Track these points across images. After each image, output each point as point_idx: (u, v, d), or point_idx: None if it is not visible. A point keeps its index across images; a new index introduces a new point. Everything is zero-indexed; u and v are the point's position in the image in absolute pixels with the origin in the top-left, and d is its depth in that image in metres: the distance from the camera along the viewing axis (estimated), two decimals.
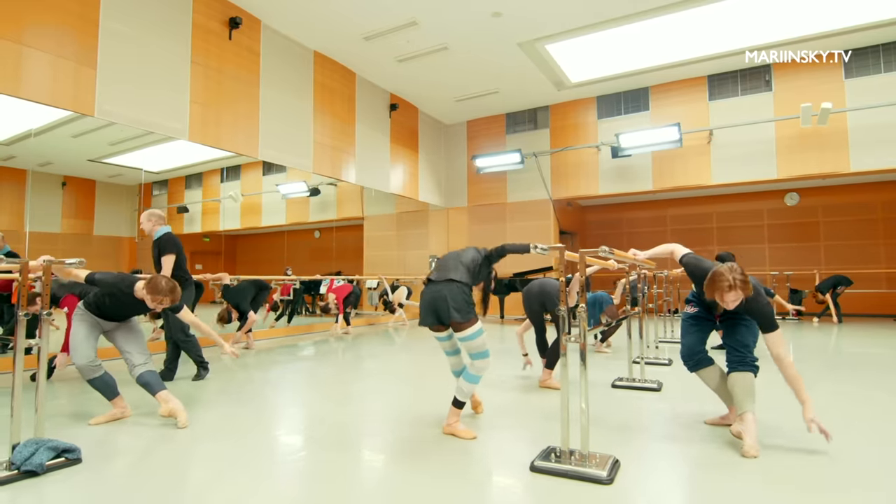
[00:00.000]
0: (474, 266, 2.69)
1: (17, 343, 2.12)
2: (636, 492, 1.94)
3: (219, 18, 6.20)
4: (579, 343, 2.19)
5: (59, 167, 7.66)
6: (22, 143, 6.32)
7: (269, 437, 2.67)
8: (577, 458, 2.13)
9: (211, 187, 9.98)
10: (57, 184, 7.73)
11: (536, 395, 3.53)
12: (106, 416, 2.83)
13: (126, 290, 2.78)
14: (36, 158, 6.85)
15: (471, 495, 1.93)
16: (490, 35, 7.25)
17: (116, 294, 2.81)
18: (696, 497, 1.93)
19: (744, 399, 2.46)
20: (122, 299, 2.82)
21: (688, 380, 4.02)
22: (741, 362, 2.59)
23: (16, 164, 6.65)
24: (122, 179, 8.26)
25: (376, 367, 4.82)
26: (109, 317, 2.89)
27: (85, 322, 2.84)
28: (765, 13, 6.72)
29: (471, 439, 2.53)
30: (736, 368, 2.59)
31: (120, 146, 7.36)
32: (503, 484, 2.03)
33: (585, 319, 2.19)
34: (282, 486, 2.02)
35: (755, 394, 2.49)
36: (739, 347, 2.61)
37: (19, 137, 6.22)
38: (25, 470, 2.05)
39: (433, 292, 2.59)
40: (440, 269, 2.68)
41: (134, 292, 2.77)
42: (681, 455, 2.34)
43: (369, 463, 2.31)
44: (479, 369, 2.60)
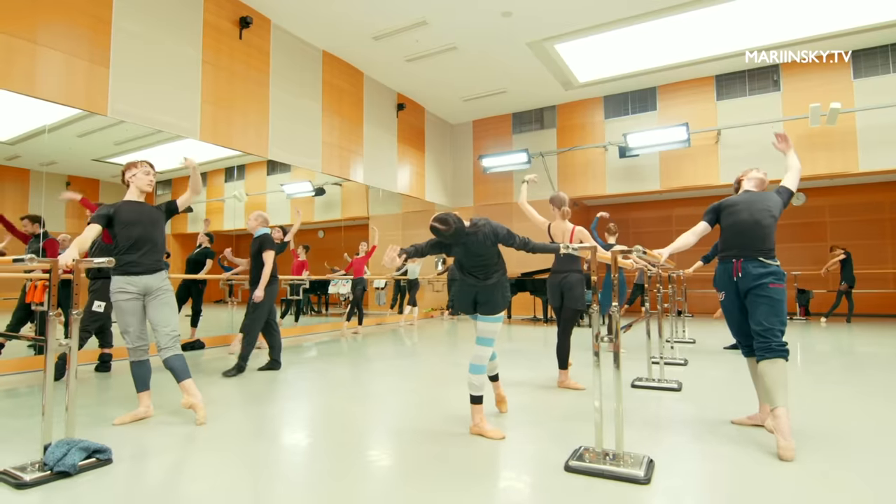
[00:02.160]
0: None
1: (49, 343, 2.10)
2: (675, 492, 1.93)
3: (229, 18, 6.19)
4: (613, 343, 2.18)
5: (62, 167, 7.64)
6: (26, 142, 6.31)
7: (295, 439, 2.65)
8: (611, 458, 2.12)
9: (215, 187, 9.95)
10: (61, 183, 7.71)
11: (555, 396, 3.52)
12: (130, 416, 2.82)
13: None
14: (40, 158, 6.82)
15: (508, 495, 1.92)
16: (499, 34, 7.24)
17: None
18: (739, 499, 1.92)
19: (775, 392, 2.33)
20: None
21: (707, 380, 4.02)
22: (767, 349, 2.44)
23: (20, 164, 6.63)
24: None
25: (393, 366, 4.80)
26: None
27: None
28: (772, 14, 6.72)
29: (499, 439, 2.52)
30: (763, 356, 2.45)
31: (125, 146, 7.34)
32: (539, 484, 2.02)
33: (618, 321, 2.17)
34: (311, 489, 2.01)
35: (787, 385, 2.37)
36: (763, 332, 2.47)
37: (23, 137, 6.21)
38: (58, 471, 2.04)
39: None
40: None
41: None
42: (713, 455, 2.33)
43: (399, 464, 2.29)
44: (479, 358, 2.59)
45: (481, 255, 2.59)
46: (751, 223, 2.61)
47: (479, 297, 2.61)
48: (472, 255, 2.59)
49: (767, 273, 2.51)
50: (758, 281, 2.51)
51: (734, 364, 4.71)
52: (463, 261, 2.65)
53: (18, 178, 6.53)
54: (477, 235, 2.54)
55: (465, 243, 2.57)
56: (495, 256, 2.65)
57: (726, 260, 2.67)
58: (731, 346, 5.54)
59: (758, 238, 2.57)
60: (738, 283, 2.60)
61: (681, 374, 4.11)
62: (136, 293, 2.81)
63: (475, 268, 2.62)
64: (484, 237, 2.55)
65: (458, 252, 2.62)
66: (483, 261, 2.60)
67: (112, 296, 2.79)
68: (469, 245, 2.56)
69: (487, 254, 2.60)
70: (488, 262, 2.62)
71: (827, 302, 8.75)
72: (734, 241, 2.64)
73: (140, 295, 2.83)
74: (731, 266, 2.62)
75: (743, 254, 2.59)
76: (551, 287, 3.81)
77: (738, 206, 2.69)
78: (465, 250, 2.59)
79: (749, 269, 2.54)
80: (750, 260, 2.56)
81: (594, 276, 2.27)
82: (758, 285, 2.51)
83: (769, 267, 2.53)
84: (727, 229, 2.71)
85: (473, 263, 2.62)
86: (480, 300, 2.61)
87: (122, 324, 2.80)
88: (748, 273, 2.54)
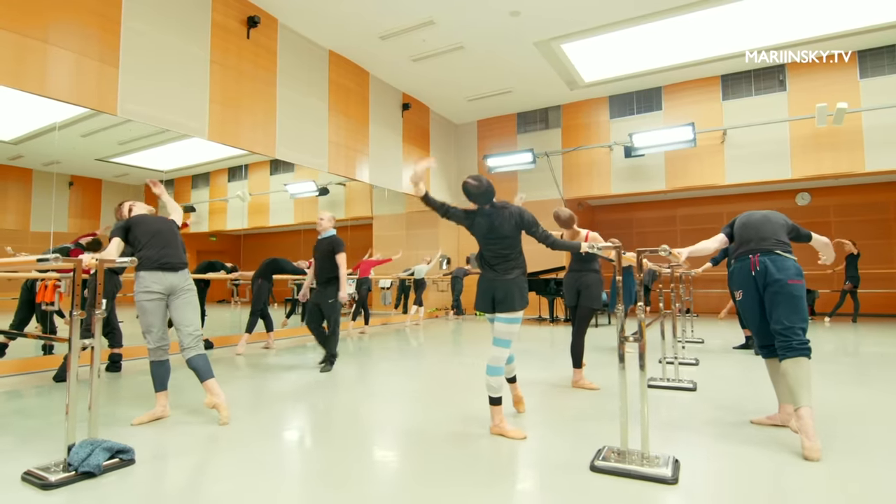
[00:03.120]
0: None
1: (73, 343, 2.09)
2: (703, 492, 1.93)
3: (237, 17, 6.18)
4: (639, 343, 2.17)
5: (65, 167, 7.63)
6: (29, 142, 6.30)
7: (313, 439, 2.65)
8: (637, 458, 2.11)
9: (218, 187, 9.93)
10: (64, 183, 7.70)
11: (570, 396, 3.51)
12: (148, 416, 2.81)
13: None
14: (43, 158, 6.81)
15: (538, 494, 1.92)
16: (507, 34, 7.24)
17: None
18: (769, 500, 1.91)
19: (798, 392, 2.28)
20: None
21: (721, 379, 4.02)
22: (789, 347, 2.39)
23: (23, 164, 6.61)
24: (128, 179, 8.23)
25: (402, 367, 4.79)
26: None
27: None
28: (777, 14, 6.73)
29: (521, 439, 2.52)
30: (785, 355, 2.40)
31: (129, 146, 7.34)
32: (567, 483, 2.01)
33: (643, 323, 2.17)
34: (335, 490, 2.00)
35: (811, 384, 2.33)
36: (784, 331, 2.42)
37: (27, 137, 6.20)
38: (83, 471, 2.03)
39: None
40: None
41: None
42: (737, 455, 2.32)
43: (423, 465, 2.28)
44: (496, 359, 2.57)
45: (503, 238, 2.58)
46: (762, 219, 2.63)
47: (497, 294, 2.58)
48: (494, 237, 2.59)
49: (786, 268, 2.47)
50: (776, 276, 2.46)
51: (745, 364, 4.71)
52: (484, 243, 2.65)
53: (21, 178, 6.52)
54: (503, 211, 2.58)
55: (491, 216, 2.59)
56: (517, 246, 2.63)
57: (742, 257, 2.64)
58: (741, 346, 5.54)
59: (771, 231, 2.57)
60: (756, 277, 2.54)
61: (694, 374, 4.11)
62: (161, 293, 2.81)
63: (495, 257, 2.61)
64: (510, 215, 2.58)
65: (481, 226, 2.62)
66: (504, 247, 2.59)
67: (136, 295, 2.78)
68: (493, 220, 2.58)
69: (509, 237, 2.59)
70: (509, 250, 2.60)
71: (831, 302, 8.75)
72: (749, 234, 2.64)
73: (164, 295, 2.82)
74: (748, 262, 2.58)
75: (760, 247, 2.55)
76: (567, 286, 3.80)
77: (754, 214, 2.70)
78: (489, 226, 2.59)
79: (767, 264, 2.50)
80: (767, 254, 2.52)
81: (617, 276, 2.26)
82: (776, 281, 2.46)
83: (787, 261, 2.49)
84: (741, 227, 2.71)
85: (494, 250, 2.61)
86: (498, 297, 2.58)
87: (146, 324, 2.80)
88: (766, 267, 2.50)
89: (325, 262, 4.56)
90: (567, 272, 3.88)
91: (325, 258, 4.56)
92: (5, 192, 6.55)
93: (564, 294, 3.89)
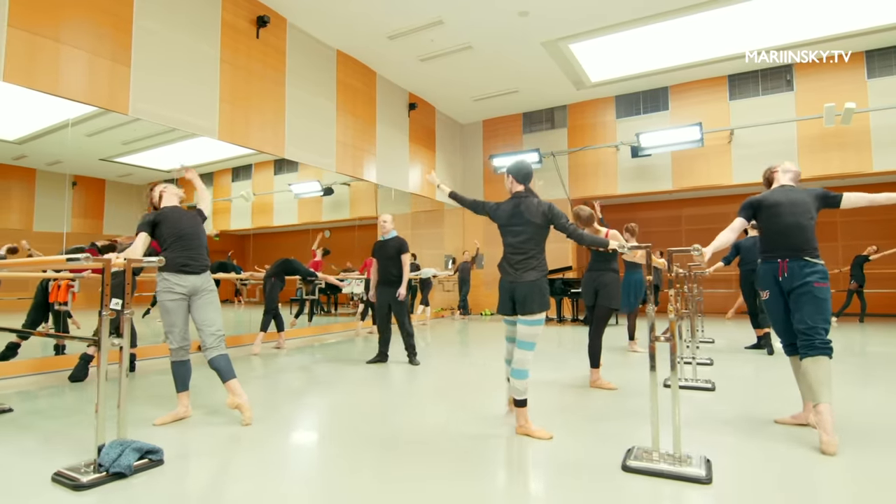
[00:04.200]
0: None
1: (102, 343, 2.08)
2: (737, 491, 1.92)
3: (247, 17, 6.17)
4: (670, 343, 2.17)
5: (68, 166, 7.61)
6: (33, 142, 6.29)
7: (338, 440, 2.63)
8: (669, 459, 2.11)
9: (222, 186, 9.91)
10: (67, 183, 7.68)
11: (589, 396, 3.50)
12: (171, 416, 2.80)
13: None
14: (46, 157, 6.80)
15: (573, 494, 1.91)
16: (515, 34, 7.23)
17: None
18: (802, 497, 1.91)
19: (818, 389, 2.37)
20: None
21: (737, 379, 4.02)
22: (811, 346, 2.47)
23: (27, 164, 6.60)
24: (132, 179, 8.21)
25: (417, 367, 4.78)
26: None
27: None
28: (784, 14, 6.73)
29: (547, 439, 2.51)
30: (807, 354, 2.47)
31: (133, 145, 7.32)
32: (601, 483, 2.00)
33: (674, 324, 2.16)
34: (360, 491, 1.99)
35: (831, 382, 2.39)
36: (806, 331, 2.48)
37: (30, 137, 6.19)
38: (114, 472, 2.02)
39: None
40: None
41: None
42: (766, 454, 2.31)
43: (451, 465, 2.27)
44: (521, 362, 2.57)
45: (526, 225, 2.57)
46: (794, 226, 2.63)
47: (516, 296, 2.55)
48: (517, 223, 2.59)
49: (813, 272, 2.53)
50: (803, 279, 2.53)
51: (759, 363, 4.71)
52: (505, 231, 2.65)
53: (25, 177, 6.51)
54: (532, 199, 2.61)
55: (518, 201, 2.60)
56: (540, 242, 2.62)
57: (771, 260, 2.67)
58: (753, 346, 5.53)
59: (802, 239, 2.60)
60: (783, 282, 2.62)
61: (710, 374, 4.10)
62: (184, 294, 2.80)
63: (515, 254, 2.59)
64: (539, 204, 2.60)
65: (506, 211, 2.63)
66: (524, 240, 2.58)
67: (159, 295, 2.78)
68: (520, 206, 2.59)
69: (534, 230, 2.58)
70: (530, 244, 2.58)
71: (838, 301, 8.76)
72: (779, 242, 2.66)
73: (187, 295, 2.82)
74: (776, 266, 2.63)
75: (789, 254, 2.61)
76: (585, 285, 3.80)
77: (781, 209, 2.67)
78: (513, 210, 2.60)
79: (794, 269, 2.57)
80: (795, 260, 2.58)
81: (648, 276, 2.25)
82: (802, 283, 2.53)
83: (815, 266, 2.56)
84: (770, 231, 2.71)
85: (515, 244, 2.60)
86: (518, 299, 2.55)
87: (168, 324, 2.79)
88: (793, 272, 2.56)
89: (391, 262, 4.79)
90: (586, 271, 3.88)
91: (392, 259, 4.79)
92: (9, 192, 6.54)
93: (582, 294, 3.88)
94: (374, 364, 4.81)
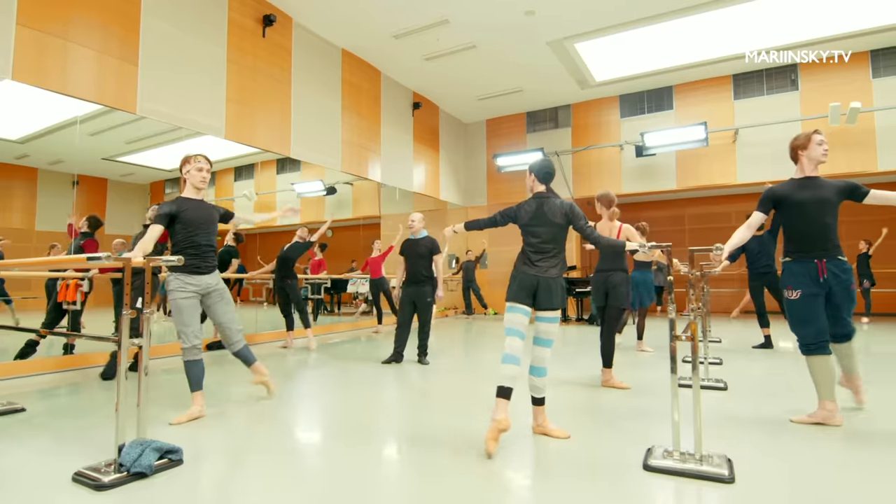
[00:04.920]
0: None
1: (122, 342, 2.07)
2: (761, 490, 1.91)
3: (253, 16, 6.16)
4: (692, 343, 2.16)
5: (70, 166, 7.60)
6: (35, 141, 6.27)
7: (357, 438, 2.62)
8: (691, 458, 2.10)
9: (224, 186, 9.88)
10: (68, 182, 7.67)
11: (603, 395, 3.50)
12: (186, 416, 2.79)
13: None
14: (48, 157, 6.78)
15: (598, 493, 1.90)
16: (520, 33, 7.22)
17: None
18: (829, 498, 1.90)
19: (853, 364, 2.84)
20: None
21: (749, 378, 4.01)
22: (847, 336, 2.79)
23: (29, 163, 6.59)
24: (134, 178, 8.20)
25: (426, 366, 4.77)
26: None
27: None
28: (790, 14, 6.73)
29: (565, 438, 2.51)
30: (843, 341, 2.81)
31: (135, 145, 7.30)
32: (624, 482, 2.00)
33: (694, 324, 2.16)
34: (386, 488, 1.99)
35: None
36: (844, 325, 2.74)
37: (33, 136, 6.18)
38: (135, 472, 2.01)
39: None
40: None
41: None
42: (783, 452, 2.31)
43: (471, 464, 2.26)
44: (539, 360, 2.57)
45: (549, 226, 2.57)
46: (824, 228, 2.66)
47: (539, 291, 2.54)
48: (539, 223, 2.58)
49: (848, 272, 2.68)
50: (843, 280, 2.66)
51: (768, 363, 4.71)
52: (526, 231, 2.64)
53: (27, 177, 6.50)
54: (554, 199, 2.61)
55: (541, 202, 2.61)
56: (561, 242, 2.61)
57: (805, 260, 2.67)
58: (760, 346, 5.54)
59: (831, 239, 2.66)
60: (823, 284, 2.68)
61: (721, 373, 4.10)
62: (196, 292, 2.81)
63: (536, 253, 2.58)
64: (561, 204, 2.59)
65: (528, 211, 2.62)
66: (546, 240, 2.57)
67: (172, 294, 2.77)
68: (543, 206, 2.59)
69: (555, 230, 2.58)
70: (552, 244, 2.58)
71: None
72: (811, 242, 2.69)
73: (198, 293, 2.82)
74: (814, 267, 2.65)
75: (824, 255, 2.67)
76: (596, 285, 3.79)
77: (806, 208, 2.67)
78: (536, 210, 2.60)
79: (832, 269, 2.66)
80: (831, 260, 2.66)
81: (669, 276, 2.25)
82: (842, 283, 2.66)
83: (847, 265, 2.68)
84: (797, 231, 2.71)
85: (536, 244, 2.58)
86: (541, 295, 2.53)
87: (182, 322, 2.78)
88: (833, 273, 2.66)
89: (422, 261, 4.75)
90: (596, 272, 3.87)
91: (425, 258, 4.76)
92: (11, 192, 6.53)
93: (593, 294, 3.87)
94: (388, 364, 4.79)
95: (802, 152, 2.79)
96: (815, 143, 2.75)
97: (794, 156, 2.84)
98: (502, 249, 10.71)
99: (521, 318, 2.59)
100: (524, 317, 2.60)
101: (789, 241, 2.79)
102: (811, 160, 2.76)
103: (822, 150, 2.75)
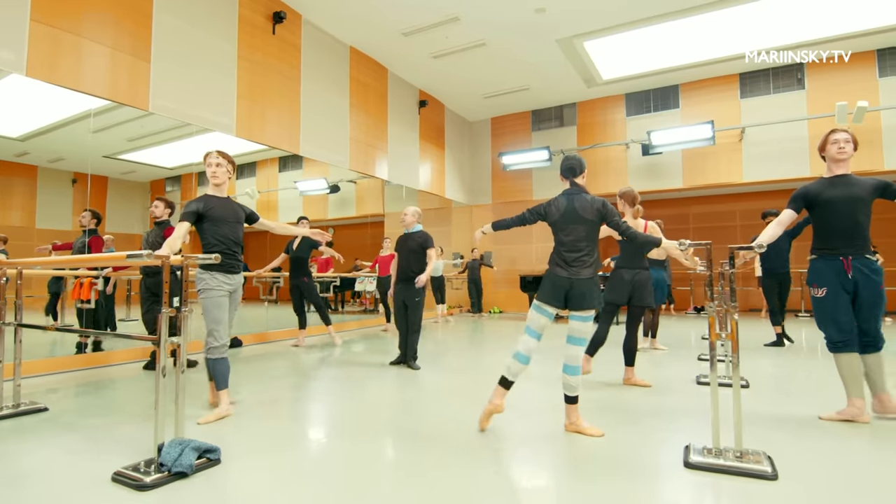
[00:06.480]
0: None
1: (162, 341, 2.06)
2: (805, 486, 1.92)
3: (263, 13, 6.12)
4: (731, 341, 2.17)
5: (70, 163, 7.53)
6: (35, 139, 6.22)
7: (389, 436, 2.62)
8: (732, 455, 2.11)
9: None
10: (68, 180, 7.61)
11: (625, 393, 3.51)
12: (214, 415, 2.78)
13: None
14: (49, 155, 6.72)
15: (644, 491, 1.90)
16: (530, 31, 7.21)
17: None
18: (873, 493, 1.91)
19: (880, 380, 2.69)
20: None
21: (769, 376, 4.03)
22: (875, 346, 2.72)
23: (29, 161, 6.53)
24: (134, 176, 8.14)
25: (443, 364, 4.76)
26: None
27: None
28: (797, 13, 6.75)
29: (599, 436, 2.51)
30: (869, 352, 2.73)
31: (138, 142, 7.25)
32: (668, 480, 2.00)
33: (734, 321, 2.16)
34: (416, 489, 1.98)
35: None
36: (870, 330, 2.70)
37: (32, 134, 6.12)
38: (175, 471, 2.00)
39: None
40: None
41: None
42: (823, 450, 2.32)
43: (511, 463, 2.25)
44: (572, 358, 2.57)
45: (582, 223, 2.55)
46: (855, 225, 2.66)
47: (573, 293, 2.53)
48: (571, 220, 2.56)
49: (877, 272, 2.67)
50: (873, 280, 2.65)
51: (784, 360, 4.73)
52: (558, 228, 2.61)
53: (27, 174, 6.44)
54: (584, 196, 2.59)
55: (571, 198, 2.59)
56: (594, 239, 2.59)
57: (832, 257, 2.68)
58: (772, 343, 5.56)
59: (862, 237, 2.66)
60: (849, 282, 2.68)
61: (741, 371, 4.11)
62: (229, 291, 2.80)
63: (570, 252, 2.56)
64: (592, 201, 2.57)
65: (559, 207, 2.61)
66: (579, 238, 2.55)
67: (206, 293, 2.75)
68: (574, 203, 2.57)
69: (587, 228, 2.56)
70: (585, 242, 2.56)
71: None
72: (840, 240, 2.70)
73: (231, 293, 2.82)
74: (839, 264, 2.66)
75: (852, 252, 2.66)
76: (620, 282, 3.74)
77: (837, 206, 2.69)
78: (567, 206, 2.58)
79: (859, 267, 2.64)
80: (858, 258, 2.65)
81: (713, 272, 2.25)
82: (870, 283, 2.65)
83: (876, 265, 2.67)
84: (827, 228, 2.73)
85: (569, 242, 2.56)
86: (575, 296, 2.52)
87: (214, 320, 2.77)
88: (859, 271, 2.65)
89: (414, 257, 4.53)
90: (616, 268, 3.85)
91: (416, 253, 4.53)
92: (11, 190, 6.47)
93: (614, 292, 3.79)
94: (396, 366, 4.73)
95: (823, 153, 2.88)
96: (830, 141, 2.82)
97: (822, 157, 2.91)
98: (503, 248, 10.72)
99: (544, 321, 2.61)
100: (548, 320, 2.62)
101: (817, 239, 2.80)
102: (829, 158, 2.84)
103: (837, 148, 2.78)
